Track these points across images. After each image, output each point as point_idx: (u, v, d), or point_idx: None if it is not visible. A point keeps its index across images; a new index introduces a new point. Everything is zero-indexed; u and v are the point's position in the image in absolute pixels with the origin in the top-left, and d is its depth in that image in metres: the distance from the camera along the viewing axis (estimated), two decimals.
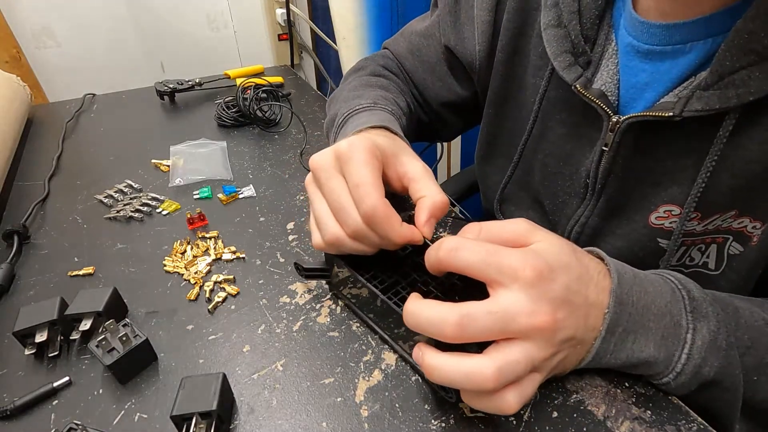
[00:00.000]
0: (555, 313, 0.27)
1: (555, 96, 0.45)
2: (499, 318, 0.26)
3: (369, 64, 0.62)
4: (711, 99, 0.32)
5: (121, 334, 0.35)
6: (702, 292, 0.32)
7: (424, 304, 0.28)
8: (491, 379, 0.25)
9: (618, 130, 0.38)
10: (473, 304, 0.27)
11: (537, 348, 0.27)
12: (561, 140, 0.45)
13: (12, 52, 1.35)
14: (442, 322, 0.26)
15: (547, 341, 0.27)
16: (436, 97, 0.59)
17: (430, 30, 0.58)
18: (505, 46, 0.48)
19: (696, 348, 0.30)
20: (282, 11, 1.45)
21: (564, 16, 0.40)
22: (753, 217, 0.35)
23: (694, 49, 0.34)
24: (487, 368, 0.25)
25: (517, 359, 0.26)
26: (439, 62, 0.57)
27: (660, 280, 0.32)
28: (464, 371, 0.26)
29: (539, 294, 0.27)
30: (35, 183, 0.62)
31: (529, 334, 0.26)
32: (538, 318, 0.26)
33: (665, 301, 0.31)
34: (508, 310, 0.26)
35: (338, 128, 0.48)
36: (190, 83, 0.87)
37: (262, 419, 0.33)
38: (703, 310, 0.31)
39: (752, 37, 0.29)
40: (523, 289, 0.26)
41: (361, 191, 0.32)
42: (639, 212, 0.41)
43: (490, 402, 0.27)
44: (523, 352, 0.26)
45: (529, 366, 0.27)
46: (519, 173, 0.53)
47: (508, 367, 0.26)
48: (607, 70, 0.40)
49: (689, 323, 0.31)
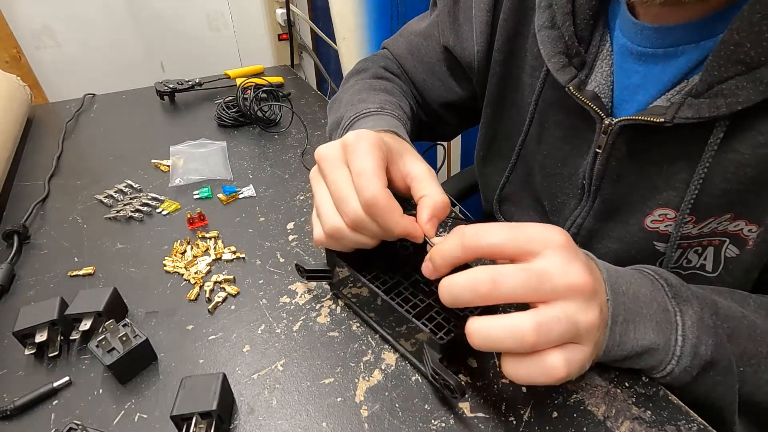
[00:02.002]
0: (590, 274, 0.27)
1: (551, 97, 0.45)
2: (533, 275, 0.26)
3: (370, 66, 0.61)
4: (701, 107, 0.32)
5: (121, 334, 0.35)
6: (678, 280, 0.33)
7: (455, 274, 0.28)
8: (531, 332, 0.25)
9: (611, 132, 0.38)
10: (505, 266, 0.27)
11: (576, 308, 0.26)
12: (559, 141, 0.45)
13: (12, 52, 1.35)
14: (475, 281, 0.27)
15: (589, 301, 0.27)
16: (436, 97, 0.59)
17: (429, 30, 0.57)
18: (501, 47, 0.48)
19: (688, 327, 0.31)
20: (282, 11, 1.45)
21: (558, 18, 0.39)
22: (748, 221, 0.35)
23: (685, 53, 0.34)
24: (525, 322, 0.25)
25: (556, 316, 0.26)
26: (438, 62, 0.57)
27: (637, 273, 0.33)
28: (505, 325, 0.26)
29: (571, 256, 0.27)
30: (35, 183, 0.62)
31: (566, 294, 0.26)
32: (574, 277, 0.26)
33: (648, 290, 0.32)
34: (543, 270, 0.26)
35: (344, 131, 0.48)
36: (190, 83, 0.87)
37: (262, 419, 0.33)
38: (684, 294, 0.32)
39: (738, 48, 0.29)
40: (556, 251, 0.27)
41: (363, 180, 0.32)
42: (634, 215, 0.41)
43: (535, 365, 0.26)
44: (562, 310, 0.26)
45: (571, 326, 0.26)
46: (518, 174, 0.53)
47: (548, 323, 0.25)
48: (602, 72, 0.40)
49: (674, 307, 0.31)
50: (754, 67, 0.29)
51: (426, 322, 0.32)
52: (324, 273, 0.41)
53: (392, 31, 1.12)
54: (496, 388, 0.34)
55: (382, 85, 0.57)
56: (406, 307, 0.33)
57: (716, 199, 0.35)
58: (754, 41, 0.29)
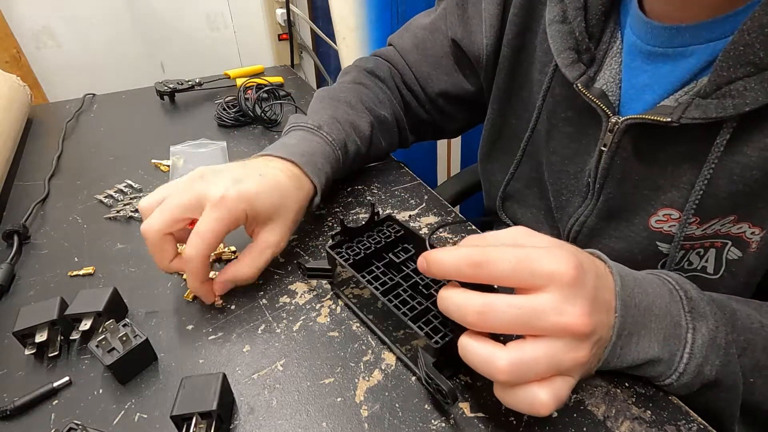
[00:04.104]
0: (589, 315, 0.26)
1: (559, 94, 0.44)
2: (523, 312, 0.25)
3: (352, 71, 0.62)
4: (708, 108, 0.32)
5: (121, 334, 0.35)
6: (699, 292, 0.32)
7: (456, 290, 0.28)
8: (502, 371, 0.25)
9: (617, 131, 0.38)
10: (498, 296, 0.26)
11: (566, 348, 0.26)
12: (566, 139, 0.45)
13: (12, 52, 1.35)
14: (465, 308, 0.27)
15: (580, 342, 0.26)
16: (441, 91, 0.59)
17: (436, 23, 0.57)
18: (511, 41, 0.48)
19: (697, 347, 0.30)
20: (282, 11, 1.45)
21: (569, 12, 0.39)
22: (752, 223, 0.35)
23: (695, 54, 0.34)
24: (500, 359, 0.25)
25: (536, 356, 0.25)
26: (445, 56, 0.57)
27: (658, 281, 0.32)
28: (481, 356, 0.26)
29: (573, 294, 0.26)
30: (35, 183, 0.62)
31: (555, 333, 0.26)
32: (568, 317, 0.25)
33: (665, 302, 0.31)
34: (536, 306, 0.25)
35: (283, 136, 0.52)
36: (190, 83, 0.87)
37: (262, 419, 0.33)
38: (701, 309, 0.31)
39: (748, 49, 0.29)
40: (559, 289, 0.26)
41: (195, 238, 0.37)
42: (638, 215, 0.41)
43: (521, 397, 0.26)
44: (546, 350, 0.25)
45: (552, 366, 0.26)
46: (523, 171, 0.52)
47: (525, 363, 0.25)
48: (610, 69, 0.39)
49: (688, 323, 0.31)
50: (763, 68, 0.29)
51: (422, 326, 0.32)
52: (325, 272, 0.41)
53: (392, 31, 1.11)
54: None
55: (347, 97, 0.56)
56: (404, 309, 0.33)
57: (721, 200, 0.35)
58: (764, 43, 0.28)
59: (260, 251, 0.41)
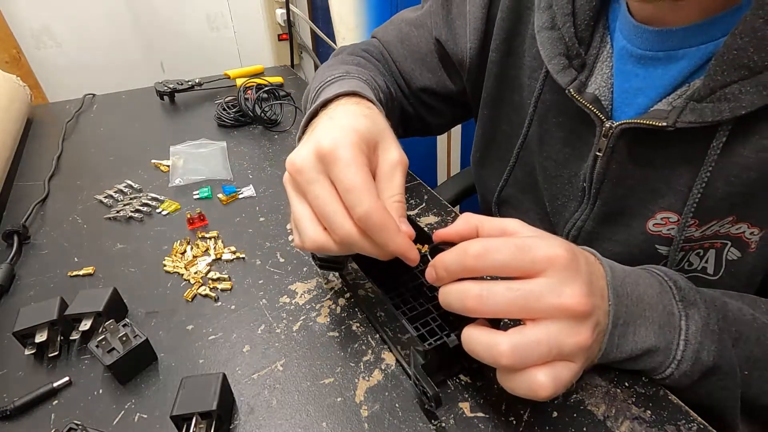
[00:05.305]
0: (586, 296, 0.26)
1: (551, 99, 0.44)
2: (522, 295, 0.26)
3: (348, 47, 0.59)
4: (704, 111, 0.32)
5: (121, 334, 0.35)
6: (687, 282, 0.33)
7: (453, 285, 0.28)
8: (504, 354, 0.25)
9: (611, 135, 0.38)
10: (497, 282, 0.27)
11: (563, 329, 0.26)
12: (560, 144, 0.45)
13: (12, 52, 1.35)
14: (465, 293, 0.27)
15: (580, 324, 0.26)
16: (425, 87, 0.58)
17: (421, 19, 0.56)
18: (499, 46, 0.48)
19: (691, 333, 0.31)
20: (282, 11, 1.45)
21: (558, 19, 0.39)
22: (751, 223, 0.35)
23: (686, 56, 0.34)
24: (501, 343, 0.25)
25: (537, 339, 0.25)
26: (429, 53, 0.56)
27: (646, 273, 0.33)
28: (483, 343, 0.27)
29: (570, 276, 0.26)
30: (35, 183, 0.62)
31: (554, 315, 0.26)
32: (567, 298, 0.26)
33: (656, 292, 0.32)
34: (534, 289, 0.26)
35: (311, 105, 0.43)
36: (190, 83, 0.87)
37: (262, 419, 0.33)
38: (691, 297, 0.32)
39: (741, 52, 0.29)
40: (557, 272, 0.26)
41: (353, 196, 0.29)
42: (636, 219, 0.41)
43: (522, 381, 0.26)
44: (547, 332, 0.25)
45: (553, 348, 0.26)
46: (516, 176, 0.52)
47: (527, 346, 0.25)
48: (602, 74, 0.39)
49: (681, 311, 0.31)
50: (758, 71, 0.29)
51: (419, 327, 0.32)
52: (336, 263, 0.40)
53: None
54: (496, 388, 0.34)
55: (355, 59, 0.55)
56: (404, 308, 0.33)
57: (719, 202, 0.35)
58: (757, 46, 0.29)
59: (392, 175, 0.34)
